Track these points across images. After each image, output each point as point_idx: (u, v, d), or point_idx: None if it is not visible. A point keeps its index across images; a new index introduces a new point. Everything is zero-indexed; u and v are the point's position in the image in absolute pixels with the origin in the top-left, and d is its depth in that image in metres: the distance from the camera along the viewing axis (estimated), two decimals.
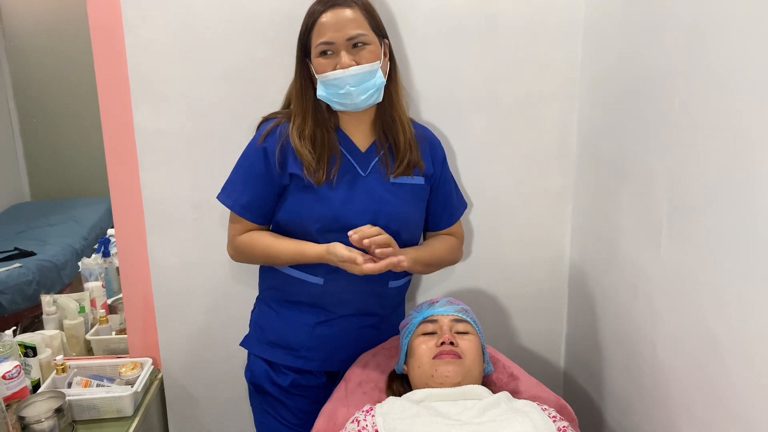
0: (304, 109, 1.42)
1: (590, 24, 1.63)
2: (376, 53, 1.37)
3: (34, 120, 3.11)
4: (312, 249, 1.40)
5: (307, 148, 1.39)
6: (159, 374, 1.83)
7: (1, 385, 1.54)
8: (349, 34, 1.34)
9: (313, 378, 1.53)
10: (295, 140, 1.40)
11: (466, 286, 1.85)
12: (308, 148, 1.39)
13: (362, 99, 1.37)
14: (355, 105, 1.37)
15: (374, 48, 1.37)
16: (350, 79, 1.34)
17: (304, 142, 1.39)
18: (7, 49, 3.03)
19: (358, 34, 1.34)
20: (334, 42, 1.34)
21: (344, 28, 1.34)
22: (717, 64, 1.09)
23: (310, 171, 1.39)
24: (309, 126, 1.41)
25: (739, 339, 1.07)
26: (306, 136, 1.40)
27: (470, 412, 1.20)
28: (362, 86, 1.35)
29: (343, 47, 1.34)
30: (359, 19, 1.36)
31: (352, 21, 1.34)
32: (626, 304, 1.49)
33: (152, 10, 1.58)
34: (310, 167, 1.39)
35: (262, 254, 1.47)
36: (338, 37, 1.34)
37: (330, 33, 1.34)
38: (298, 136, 1.40)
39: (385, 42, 1.41)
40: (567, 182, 1.79)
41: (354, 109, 1.39)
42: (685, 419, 1.25)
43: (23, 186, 3.22)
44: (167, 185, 1.69)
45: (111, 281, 2.22)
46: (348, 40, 1.34)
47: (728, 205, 1.07)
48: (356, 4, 1.36)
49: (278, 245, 1.44)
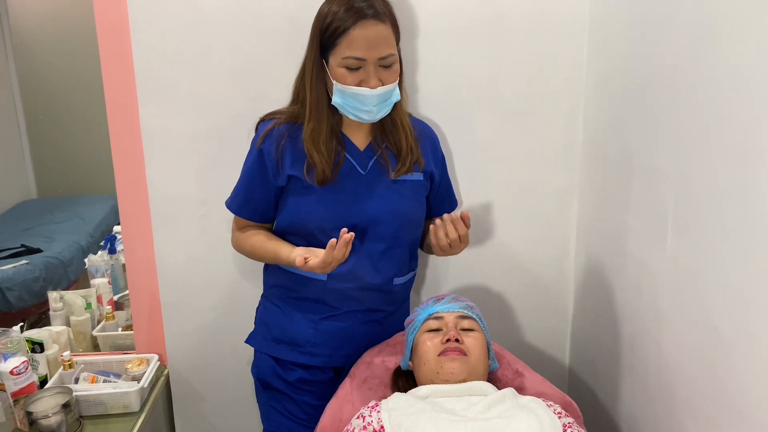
0: (320, 113, 1.37)
1: (596, 22, 1.63)
2: (398, 71, 1.35)
3: (40, 118, 3.13)
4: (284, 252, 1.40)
5: (323, 154, 1.37)
6: (165, 370, 1.84)
7: (9, 381, 1.55)
8: (381, 54, 1.29)
9: (320, 373, 1.53)
10: (309, 146, 1.37)
11: (471, 282, 1.85)
12: (323, 153, 1.37)
13: (380, 116, 1.37)
14: (371, 120, 1.37)
15: (398, 66, 1.34)
16: (375, 99, 1.31)
17: (320, 148, 1.37)
18: (13, 46, 3.05)
19: (389, 55, 1.30)
20: (366, 59, 1.28)
21: (377, 47, 1.28)
22: (723, 61, 1.09)
23: (317, 175, 1.38)
24: (324, 132, 1.38)
25: (744, 337, 1.06)
26: (323, 142, 1.38)
27: (475, 408, 1.20)
28: (383, 104, 1.34)
29: (372, 65, 1.29)
30: (390, 37, 1.31)
31: (386, 40, 1.29)
32: (632, 302, 1.49)
33: (158, 8, 1.58)
34: (324, 172, 1.37)
35: (250, 253, 1.50)
36: (370, 55, 1.28)
37: (362, 50, 1.27)
38: (312, 142, 1.37)
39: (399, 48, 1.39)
40: (573, 180, 1.78)
41: (368, 122, 1.39)
42: (690, 417, 1.25)
43: (30, 183, 3.24)
44: (173, 182, 1.69)
45: (117, 278, 2.23)
46: (379, 59, 1.30)
47: (734, 203, 1.07)
48: (388, 17, 1.30)
49: (261, 246, 1.46)
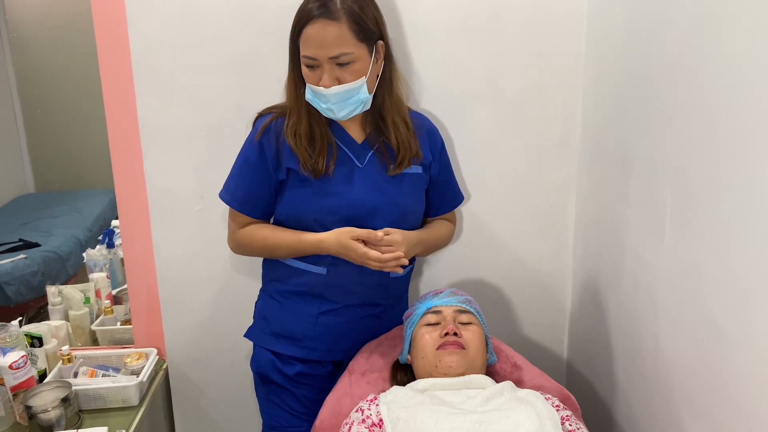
0: (299, 105, 1.40)
1: (594, 15, 1.63)
2: (361, 69, 1.33)
3: (37, 112, 3.12)
4: (312, 235, 1.41)
5: (303, 146, 1.39)
6: (164, 364, 1.85)
7: (8, 375, 1.55)
8: (331, 53, 1.29)
9: (319, 367, 1.54)
10: (290, 139, 1.39)
11: (469, 276, 1.85)
12: (304, 145, 1.39)
13: (344, 114, 1.36)
14: (338, 118, 1.37)
15: (360, 64, 1.32)
16: (332, 98, 1.32)
17: (299, 140, 1.39)
18: (10, 40, 3.03)
19: (341, 54, 1.29)
20: (317, 58, 1.30)
21: (327, 46, 1.28)
22: (721, 55, 1.08)
23: (306, 167, 1.39)
24: (304, 123, 1.40)
25: (742, 329, 1.07)
26: (301, 134, 1.39)
27: (474, 401, 1.20)
28: (343, 103, 1.34)
29: (326, 64, 1.30)
30: (344, 36, 1.28)
31: (336, 38, 1.28)
32: (629, 295, 1.49)
33: (156, 2, 1.58)
34: (307, 164, 1.39)
35: (261, 246, 1.48)
36: (320, 54, 1.29)
37: (312, 49, 1.29)
38: (293, 135, 1.39)
39: (379, 44, 1.37)
40: (570, 174, 1.78)
41: (339, 119, 1.39)
42: (687, 410, 1.25)
43: (27, 177, 3.23)
44: (171, 176, 1.69)
45: (115, 272, 2.23)
46: (331, 59, 1.29)
47: (732, 197, 1.07)
48: (344, 14, 1.28)
49: (276, 236, 1.45)
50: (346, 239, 1.37)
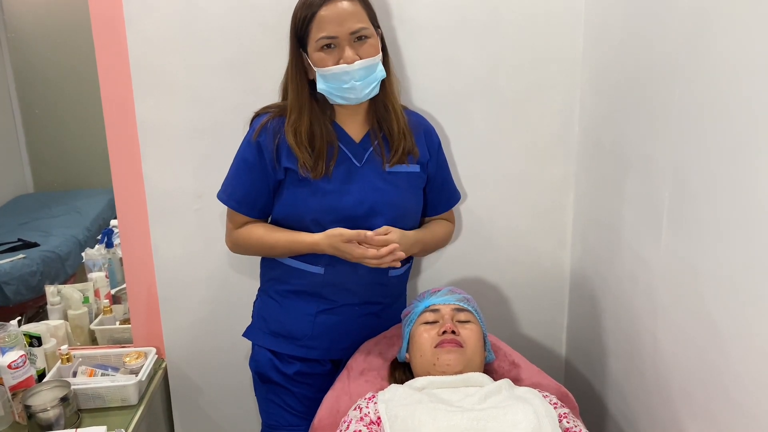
0: (300, 104, 1.40)
1: (591, 13, 1.63)
2: (376, 46, 1.36)
3: (36, 111, 3.12)
4: (306, 236, 1.41)
5: (303, 146, 1.38)
6: (163, 363, 1.85)
7: (6, 375, 1.55)
8: (352, 28, 1.32)
9: (318, 366, 1.54)
10: (290, 138, 1.39)
11: (467, 275, 1.85)
12: (304, 145, 1.39)
13: (366, 93, 1.37)
14: (358, 99, 1.37)
15: (374, 41, 1.36)
16: (356, 74, 1.33)
17: (300, 139, 1.39)
18: (9, 40, 3.04)
19: (361, 28, 1.33)
20: (337, 36, 1.32)
21: (346, 22, 1.31)
22: (719, 53, 1.09)
23: (305, 167, 1.39)
24: (305, 122, 1.39)
25: (739, 327, 1.07)
26: (302, 133, 1.39)
27: (472, 399, 1.21)
28: (366, 80, 1.35)
29: (346, 41, 1.32)
30: (360, 12, 1.34)
31: (353, 14, 1.32)
32: (627, 294, 1.49)
33: (153, 1, 1.58)
34: (306, 164, 1.38)
35: (258, 246, 1.48)
36: (341, 31, 1.31)
37: (331, 27, 1.31)
38: (293, 134, 1.39)
39: (380, 32, 1.40)
40: (568, 172, 1.79)
41: (356, 102, 1.39)
42: (685, 408, 1.26)
43: (26, 177, 3.23)
44: (169, 176, 1.69)
45: (114, 272, 2.23)
46: (351, 34, 1.32)
47: (730, 195, 1.07)
48: None
49: (272, 236, 1.45)
50: (338, 243, 1.36)
